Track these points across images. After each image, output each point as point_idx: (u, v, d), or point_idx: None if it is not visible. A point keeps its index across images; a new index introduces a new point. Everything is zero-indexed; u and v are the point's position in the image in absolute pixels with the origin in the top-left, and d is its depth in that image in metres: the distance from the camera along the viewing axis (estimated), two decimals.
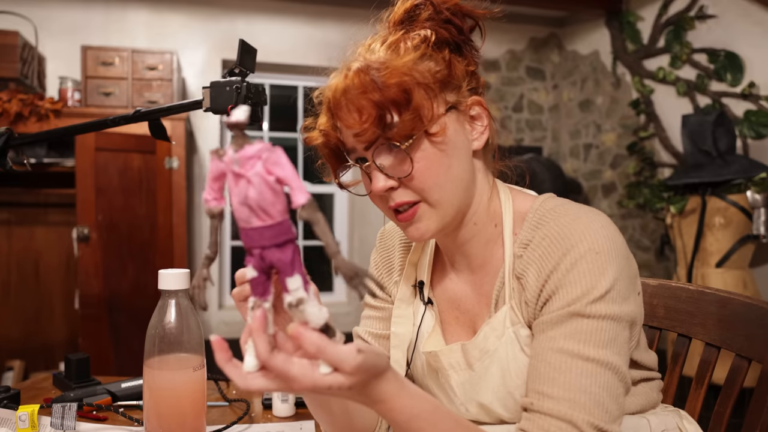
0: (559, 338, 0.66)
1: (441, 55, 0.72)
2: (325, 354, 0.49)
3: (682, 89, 3.47)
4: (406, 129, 0.68)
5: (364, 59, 0.70)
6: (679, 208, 2.97)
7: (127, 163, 2.90)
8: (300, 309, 0.49)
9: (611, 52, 3.97)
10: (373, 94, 0.67)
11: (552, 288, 0.69)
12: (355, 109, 0.69)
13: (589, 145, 4.23)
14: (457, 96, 0.73)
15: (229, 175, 0.47)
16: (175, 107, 1.12)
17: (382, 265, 0.93)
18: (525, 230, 0.75)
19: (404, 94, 0.67)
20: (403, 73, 0.68)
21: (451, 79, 0.72)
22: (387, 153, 0.71)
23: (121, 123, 1.12)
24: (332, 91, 0.71)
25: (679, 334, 0.95)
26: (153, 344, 0.79)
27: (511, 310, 0.74)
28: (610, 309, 0.66)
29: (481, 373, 0.76)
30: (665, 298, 0.97)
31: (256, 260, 0.48)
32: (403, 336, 0.85)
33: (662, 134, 3.62)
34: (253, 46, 1.06)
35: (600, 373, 0.64)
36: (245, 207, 0.47)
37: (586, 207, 0.74)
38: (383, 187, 0.71)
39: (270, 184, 0.46)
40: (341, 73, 0.71)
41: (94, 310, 2.73)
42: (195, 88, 3.69)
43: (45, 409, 0.98)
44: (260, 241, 0.47)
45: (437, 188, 0.71)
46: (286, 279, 0.48)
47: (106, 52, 3.10)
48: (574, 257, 0.68)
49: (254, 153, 0.46)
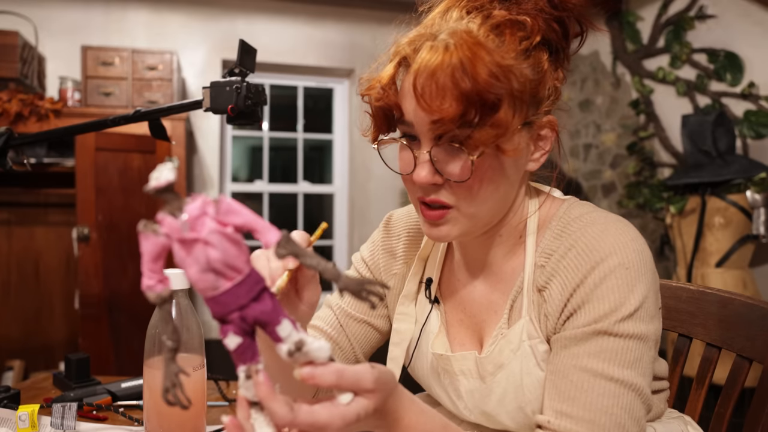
0: (582, 356, 0.64)
1: (540, 60, 0.64)
2: (345, 377, 0.47)
3: (681, 89, 3.46)
4: (481, 140, 0.61)
5: (466, 32, 0.59)
6: (679, 208, 2.97)
7: (127, 163, 2.90)
8: (304, 351, 0.45)
9: (611, 52, 3.97)
10: (464, 83, 0.58)
11: (578, 302, 0.66)
12: (439, 90, 0.59)
13: (588, 145, 4.23)
14: (536, 111, 0.66)
15: (176, 245, 0.41)
16: (175, 107, 1.11)
17: (382, 251, 0.88)
18: (547, 239, 0.71)
19: (496, 97, 0.59)
20: (504, 76, 0.58)
21: (541, 92, 0.65)
22: (448, 148, 0.64)
23: (121, 123, 1.12)
24: (422, 62, 0.60)
25: (679, 334, 0.95)
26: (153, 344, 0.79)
27: (530, 323, 0.70)
28: (638, 328, 0.63)
29: (492, 386, 0.73)
30: (666, 298, 0.96)
31: (236, 325, 0.43)
32: (404, 333, 0.83)
33: (662, 134, 3.62)
34: (253, 46, 1.05)
35: (623, 394, 0.62)
36: (210, 273, 0.41)
37: (614, 216, 0.69)
38: (428, 180, 0.64)
39: (230, 237, 0.41)
40: (445, 45, 0.59)
41: (94, 310, 2.73)
42: (195, 88, 3.69)
43: (45, 409, 0.98)
44: (237, 302, 0.42)
45: (479, 202, 0.66)
46: (276, 329, 0.44)
47: (106, 52, 3.10)
48: (603, 272, 0.64)
49: (199, 211, 0.41)
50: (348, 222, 4.23)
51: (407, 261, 0.86)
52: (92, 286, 2.73)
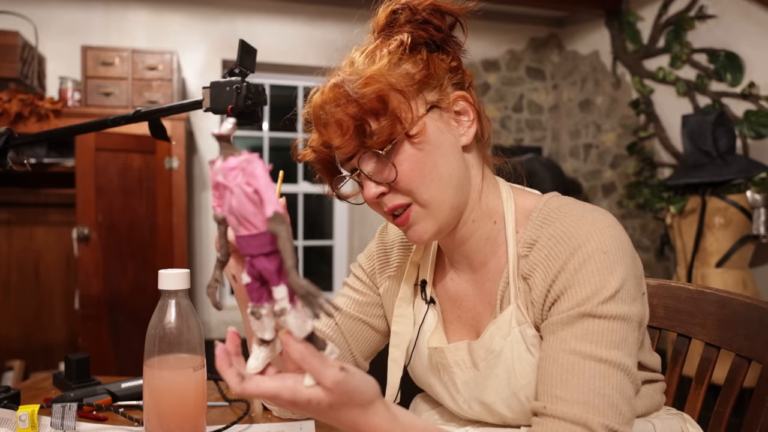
0: (570, 339, 0.66)
1: (419, 56, 0.72)
2: (307, 362, 0.49)
3: (682, 89, 3.47)
4: (384, 135, 0.69)
5: (341, 72, 0.71)
6: (679, 208, 2.97)
7: (127, 163, 2.90)
8: (282, 319, 0.49)
9: (611, 52, 3.97)
10: (348, 108, 0.68)
11: (560, 288, 0.68)
12: (335, 123, 0.70)
13: (589, 145, 4.23)
14: (438, 94, 0.73)
15: (220, 184, 0.49)
16: (175, 107, 1.12)
17: (377, 258, 0.93)
18: (529, 229, 0.74)
19: (380, 101, 0.68)
20: (377, 80, 0.68)
21: (431, 78, 0.72)
22: (371, 160, 0.72)
23: (121, 123, 1.12)
24: (313, 108, 0.73)
25: (678, 334, 0.95)
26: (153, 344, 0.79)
27: (517, 309, 0.73)
28: (620, 309, 0.66)
29: (486, 372, 0.75)
30: (665, 298, 0.97)
31: (248, 267, 0.50)
32: (403, 335, 0.85)
33: (662, 134, 3.62)
34: (253, 46, 1.06)
35: (612, 374, 0.64)
36: (232, 216, 0.49)
37: (591, 206, 0.73)
38: (374, 194, 0.72)
39: (249, 195, 0.47)
40: (319, 90, 0.73)
41: (94, 310, 2.73)
42: (195, 88, 3.69)
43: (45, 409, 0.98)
44: (248, 249, 0.49)
45: (424, 188, 0.71)
46: (273, 288, 0.49)
47: (106, 52, 3.10)
48: (582, 257, 0.67)
49: (236, 164, 0.48)
50: (348, 222, 4.24)
51: (401, 266, 0.90)
52: (92, 286, 2.73)
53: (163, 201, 3.07)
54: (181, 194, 3.12)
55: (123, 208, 2.88)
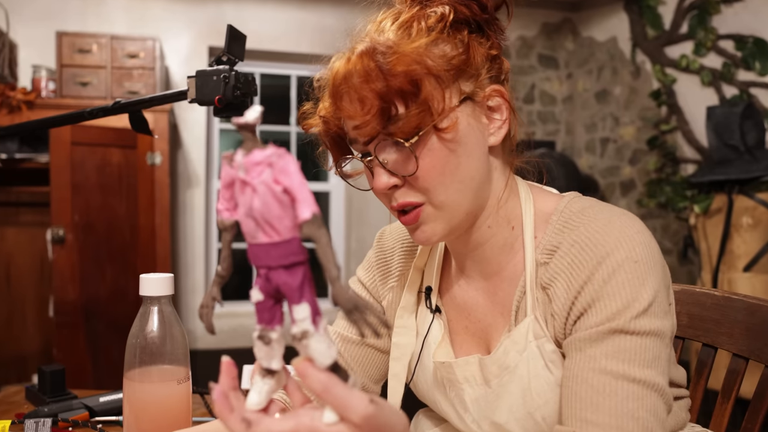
0: (600, 358, 0.65)
1: (459, 37, 0.69)
2: (333, 395, 0.45)
3: (706, 78, 3.47)
4: (411, 124, 0.66)
5: (370, 40, 0.67)
6: (704, 207, 2.97)
7: (105, 159, 2.90)
8: (304, 343, 0.46)
9: (630, 38, 3.97)
10: (377, 83, 0.65)
11: (587, 301, 0.67)
12: (357, 99, 0.66)
13: (606, 139, 4.23)
14: (474, 85, 0.70)
15: (237, 182, 0.46)
16: (158, 98, 1.12)
17: (377, 268, 0.91)
18: (549, 234, 0.73)
19: (412, 84, 0.65)
20: (413, 60, 0.65)
21: (469, 65, 0.69)
22: (391, 148, 0.69)
23: (99, 115, 1.12)
24: (333, 76, 0.68)
25: (703, 344, 0.95)
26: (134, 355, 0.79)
27: (534, 321, 0.71)
28: (654, 324, 0.65)
29: (498, 390, 0.74)
30: (689, 305, 0.97)
31: (262, 281, 0.46)
32: (405, 347, 0.84)
33: (685, 127, 3.62)
34: (243, 32, 1.06)
35: (646, 395, 0.63)
36: (250, 219, 0.45)
37: (618, 209, 0.72)
38: (385, 185, 0.70)
39: (277, 195, 0.44)
40: (344, 56, 0.68)
41: (70, 317, 2.73)
42: (179, 77, 3.69)
43: (17, 425, 0.98)
44: (266, 260, 0.45)
45: (443, 189, 0.69)
46: (293, 306, 0.45)
47: (82, 39, 3.10)
48: (610, 266, 0.66)
49: (262, 159, 0.45)
50: (345, 223, 4.24)
51: (403, 273, 0.88)
52: (68, 292, 2.73)
53: (145, 200, 3.07)
54: (165, 192, 3.12)
55: (101, 207, 2.88)
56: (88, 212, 2.82)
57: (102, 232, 2.89)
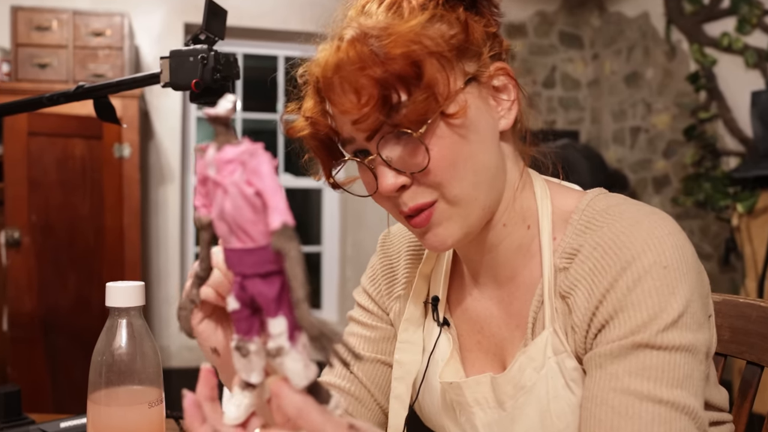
0: (622, 376, 0.65)
1: (455, 14, 0.70)
2: (307, 420, 0.46)
3: (751, 60, 3.47)
4: (418, 111, 0.66)
5: (358, 25, 0.67)
6: (748, 206, 2.98)
7: (67, 151, 2.90)
8: (278, 361, 0.46)
9: (664, 14, 3.98)
10: (374, 69, 0.65)
11: (609, 311, 0.67)
12: (352, 90, 0.66)
13: (636, 128, 4.23)
14: (477, 65, 0.71)
15: (209, 180, 0.46)
16: (127, 82, 1.12)
17: (382, 276, 0.92)
18: (569, 236, 0.73)
19: (413, 67, 0.65)
20: (411, 40, 0.65)
21: (470, 44, 0.70)
22: (395, 143, 0.69)
23: (60, 102, 1.12)
24: (321, 68, 0.68)
25: (748, 361, 0.95)
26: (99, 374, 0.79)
27: (553, 335, 0.72)
28: (685, 338, 0.65)
29: (514, 413, 0.74)
30: (731, 318, 0.97)
31: (237, 288, 0.46)
32: (409, 365, 0.84)
33: (727, 115, 3.63)
34: (223, 7, 1.06)
35: (675, 419, 0.63)
36: (223, 222, 0.45)
37: (649, 208, 0.72)
38: (394, 186, 0.69)
39: (249, 198, 0.44)
40: (331, 45, 0.68)
41: (27, 331, 2.73)
42: (151, 58, 3.70)
43: None
44: (240, 267, 0.46)
45: (457, 182, 0.69)
46: (268, 320, 0.45)
47: (41, 15, 3.10)
48: (636, 272, 0.66)
49: (234, 156, 0.44)
50: (339, 224, 4.24)
51: (410, 280, 0.88)
52: (24, 303, 2.73)
53: (112, 197, 3.07)
54: (134, 189, 3.12)
55: (62, 206, 2.88)
56: (46, 212, 2.82)
57: (63, 234, 2.89)
